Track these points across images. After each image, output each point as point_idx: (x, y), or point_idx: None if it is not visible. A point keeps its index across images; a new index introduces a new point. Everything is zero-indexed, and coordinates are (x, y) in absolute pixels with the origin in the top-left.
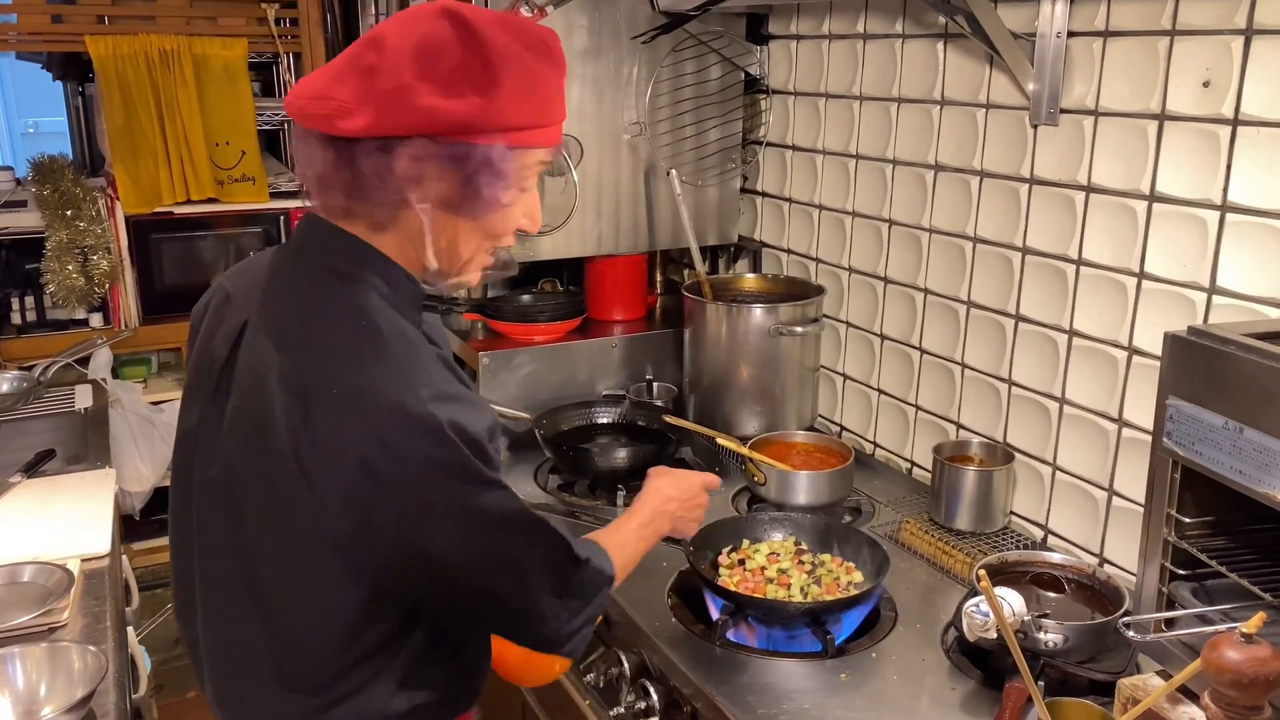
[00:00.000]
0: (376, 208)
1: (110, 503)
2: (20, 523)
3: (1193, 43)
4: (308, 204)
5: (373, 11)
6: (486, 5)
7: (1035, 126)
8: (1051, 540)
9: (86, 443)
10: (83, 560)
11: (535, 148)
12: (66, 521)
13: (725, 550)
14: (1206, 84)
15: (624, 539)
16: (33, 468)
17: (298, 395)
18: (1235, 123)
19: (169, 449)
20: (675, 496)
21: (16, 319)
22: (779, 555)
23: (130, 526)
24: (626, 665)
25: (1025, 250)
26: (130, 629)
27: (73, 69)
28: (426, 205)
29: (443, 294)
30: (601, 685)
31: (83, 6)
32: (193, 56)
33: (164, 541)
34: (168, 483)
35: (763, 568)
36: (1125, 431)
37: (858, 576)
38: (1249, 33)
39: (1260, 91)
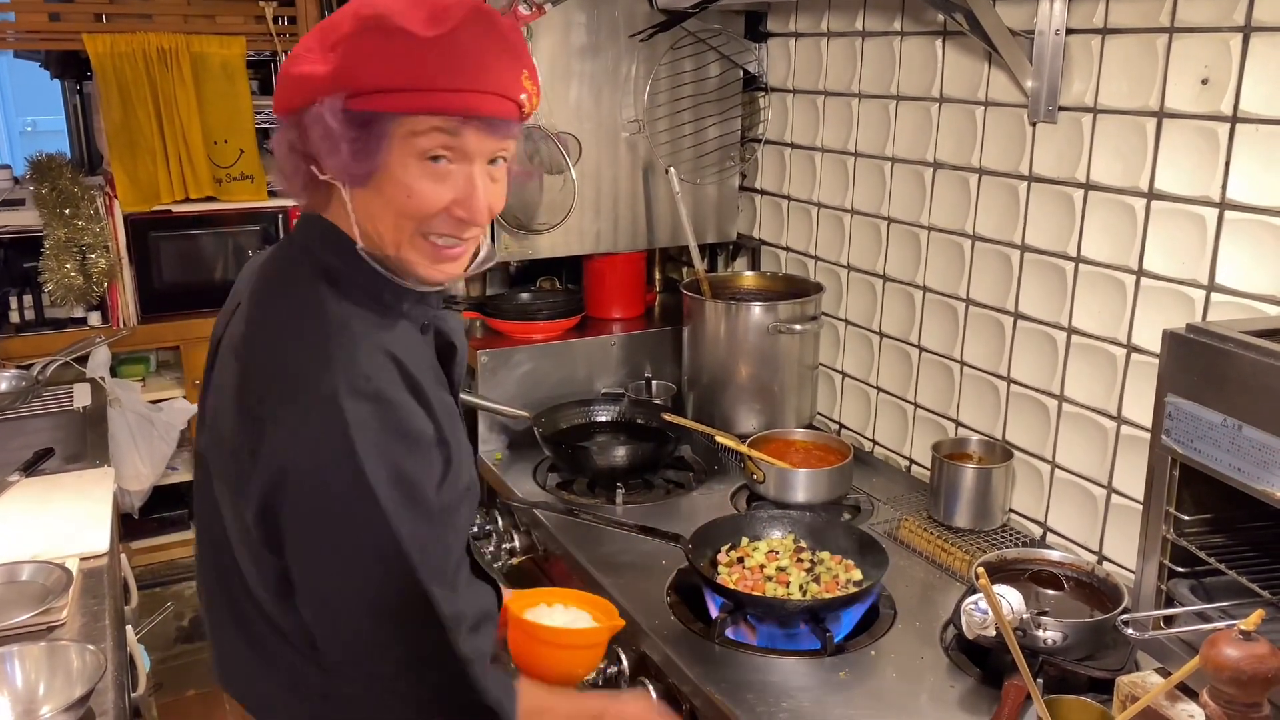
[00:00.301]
0: (293, 183)
1: (109, 501)
2: (19, 521)
3: (1191, 40)
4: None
5: None
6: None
7: (1034, 124)
8: (1050, 538)
9: (85, 441)
10: (81, 559)
11: (407, 114)
12: (65, 520)
13: (724, 548)
14: (1205, 81)
15: (547, 706)
16: (31, 466)
17: (241, 366)
18: (1234, 120)
19: (168, 447)
20: (637, 714)
21: (15, 318)
22: (778, 553)
23: (129, 525)
24: (625, 663)
25: (1024, 248)
26: (129, 628)
27: (70, 67)
28: (326, 177)
29: (447, 292)
30: (600, 683)
31: (80, 5)
32: (191, 55)
33: (162, 540)
34: (166, 481)
35: (762, 565)
36: (1124, 429)
37: (856, 574)
38: (1248, 30)
39: (1259, 89)
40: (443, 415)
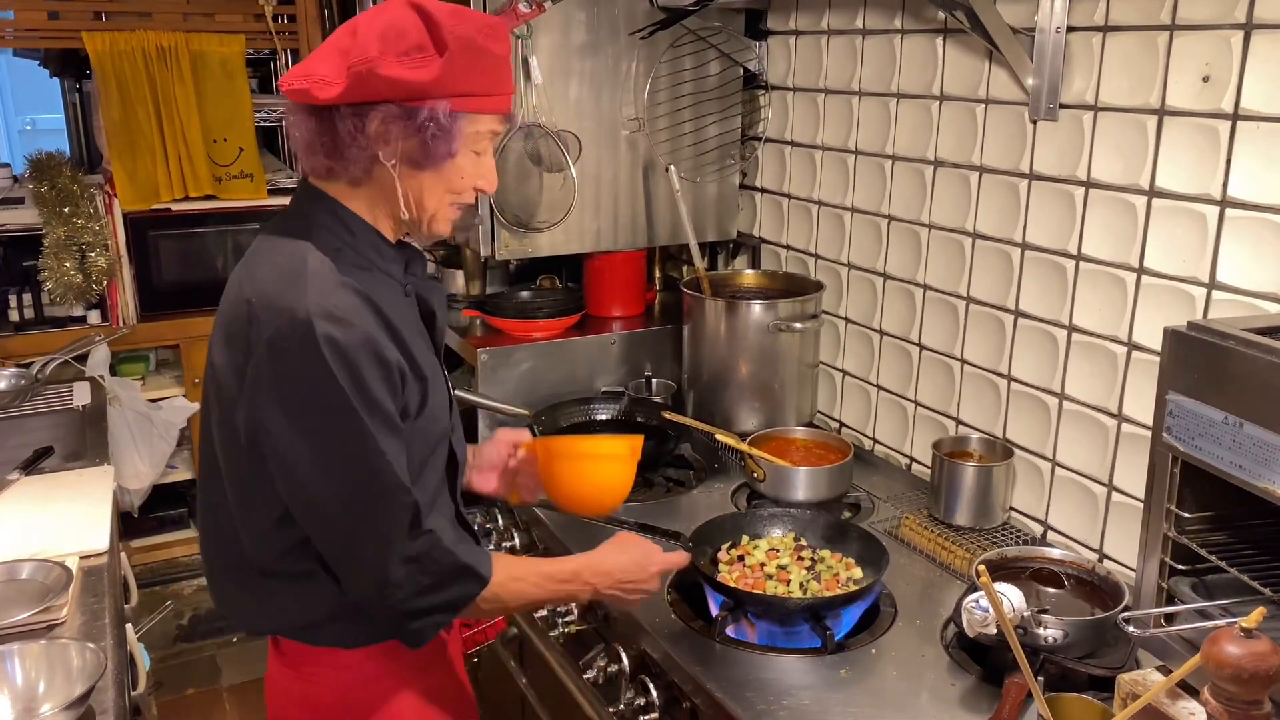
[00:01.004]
0: (352, 165)
1: (108, 500)
2: (19, 520)
3: (1192, 37)
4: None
5: (369, 7)
6: (469, 3)
7: (1034, 122)
8: (1051, 536)
9: (85, 440)
10: (81, 557)
11: (483, 113)
12: (65, 519)
13: (725, 546)
14: (1206, 79)
15: (524, 573)
16: (31, 465)
17: (228, 304)
18: (1235, 118)
19: (167, 446)
20: (615, 573)
21: (14, 316)
22: (778, 551)
23: (128, 523)
24: (626, 662)
25: (1024, 245)
26: (129, 626)
27: (70, 66)
28: (394, 161)
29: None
30: (601, 682)
31: (80, 3)
32: (190, 53)
33: (162, 539)
34: (166, 480)
35: (762, 564)
36: (1125, 427)
37: (857, 572)
38: (1249, 27)
39: (1260, 86)
40: (421, 357)
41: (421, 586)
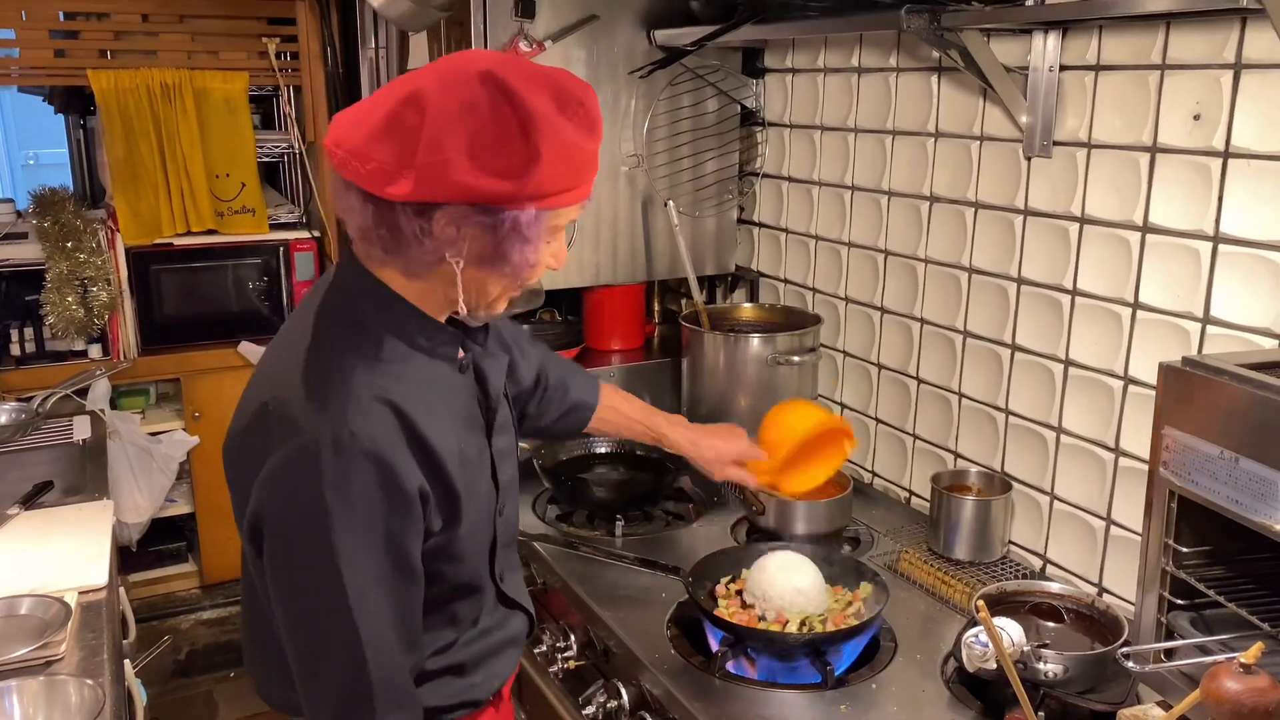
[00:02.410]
0: (413, 262)
1: (108, 534)
2: (18, 555)
3: (1183, 76)
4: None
5: (372, 45)
6: (515, 53)
7: (1029, 158)
8: (1050, 570)
9: (84, 474)
10: (80, 593)
11: (567, 208)
12: (64, 554)
13: (724, 580)
14: (1197, 117)
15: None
16: (30, 499)
17: (251, 402)
18: (1226, 155)
19: (166, 479)
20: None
21: (15, 350)
22: None
23: (127, 558)
24: (626, 697)
25: (1020, 280)
26: (127, 662)
27: (74, 102)
28: (460, 261)
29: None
30: (601, 717)
31: (85, 41)
32: (194, 89)
33: (160, 573)
34: (164, 514)
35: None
36: (1122, 461)
37: (857, 607)
38: (1238, 67)
39: (1250, 124)
40: (453, 463)
41: None
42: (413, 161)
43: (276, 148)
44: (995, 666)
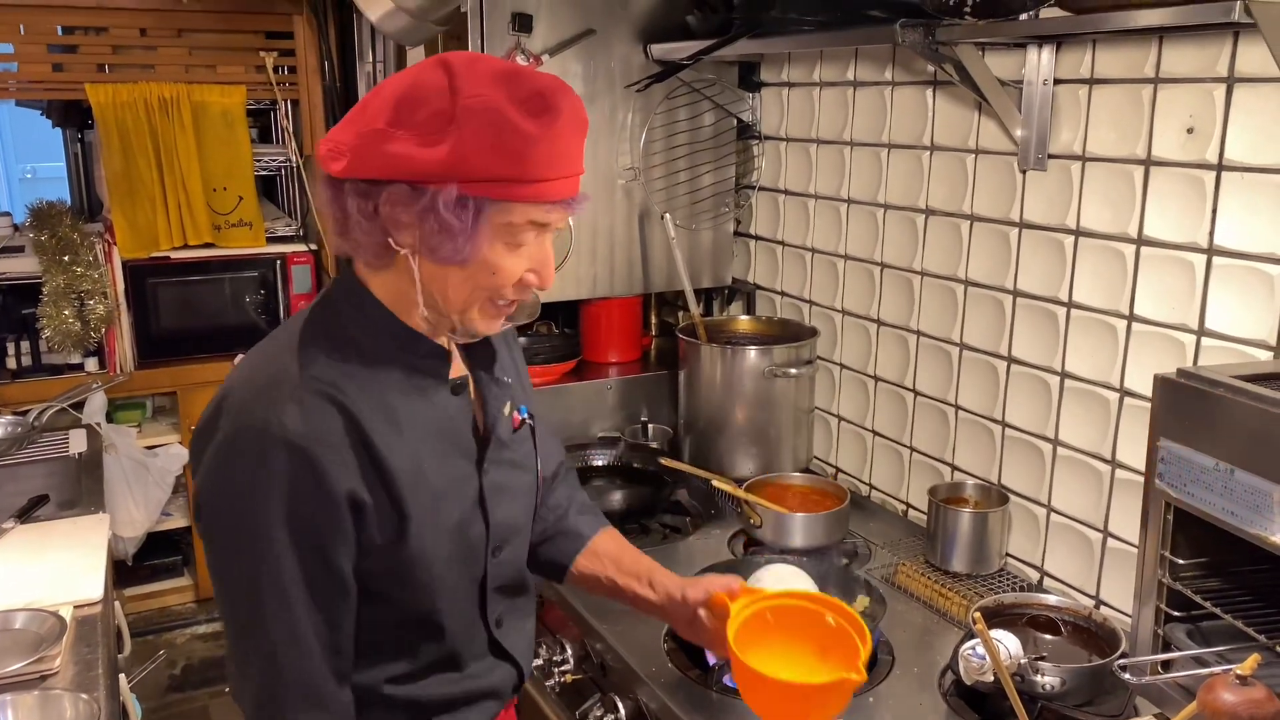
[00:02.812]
0: (363, 248)
1: (103, 548)
2: (13, 569)
3: (1176, 90)
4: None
5: (370, 60)
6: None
7: (1024, 171)
8: (1047, 582)
9: (80, 488)
10: (75, 607)
11: (509, 201)
12: (59, 567)
13: None
14: (1190, 130)
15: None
16: (26, 513)
17: (218, 392)
18: (1219, 168)
19: (162, 493)
20: None
21: (12, 363)
22: None
23: (122, 572)
24: (623, 711)
25: (1016, 293)
26: (122, 676)
27: (72, 116)
28: (407, 250)
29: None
30: None
31: (84, 55)
32: (192, 104)
33: (156, 587)
34: (160, 528)
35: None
36: (1118, 473)
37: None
38: (1231, 80)
39: (1243, 137)
40: (406, 479)
41: None
42: (355, 135)
43: (274, 161)
44: (992, 679)
